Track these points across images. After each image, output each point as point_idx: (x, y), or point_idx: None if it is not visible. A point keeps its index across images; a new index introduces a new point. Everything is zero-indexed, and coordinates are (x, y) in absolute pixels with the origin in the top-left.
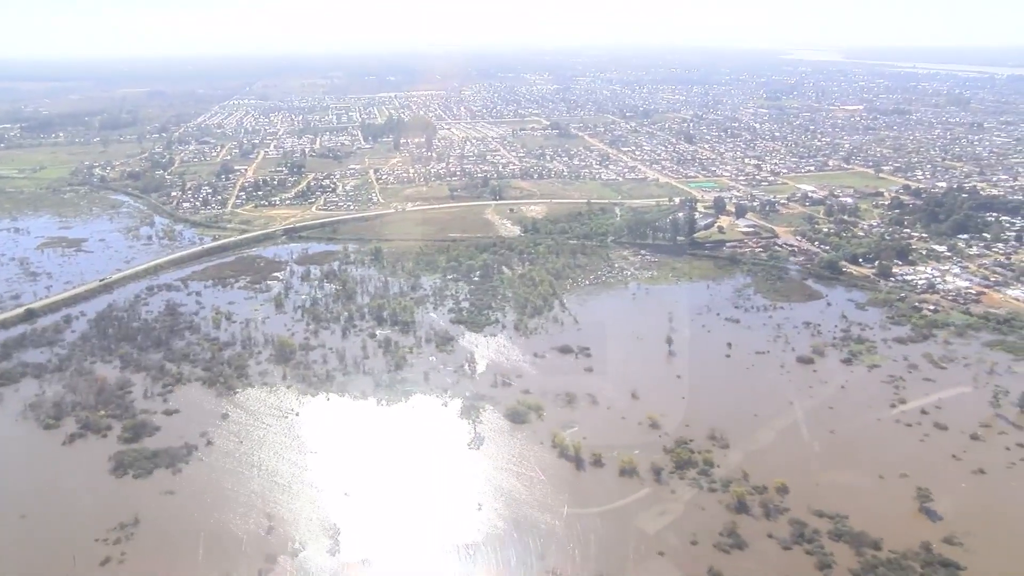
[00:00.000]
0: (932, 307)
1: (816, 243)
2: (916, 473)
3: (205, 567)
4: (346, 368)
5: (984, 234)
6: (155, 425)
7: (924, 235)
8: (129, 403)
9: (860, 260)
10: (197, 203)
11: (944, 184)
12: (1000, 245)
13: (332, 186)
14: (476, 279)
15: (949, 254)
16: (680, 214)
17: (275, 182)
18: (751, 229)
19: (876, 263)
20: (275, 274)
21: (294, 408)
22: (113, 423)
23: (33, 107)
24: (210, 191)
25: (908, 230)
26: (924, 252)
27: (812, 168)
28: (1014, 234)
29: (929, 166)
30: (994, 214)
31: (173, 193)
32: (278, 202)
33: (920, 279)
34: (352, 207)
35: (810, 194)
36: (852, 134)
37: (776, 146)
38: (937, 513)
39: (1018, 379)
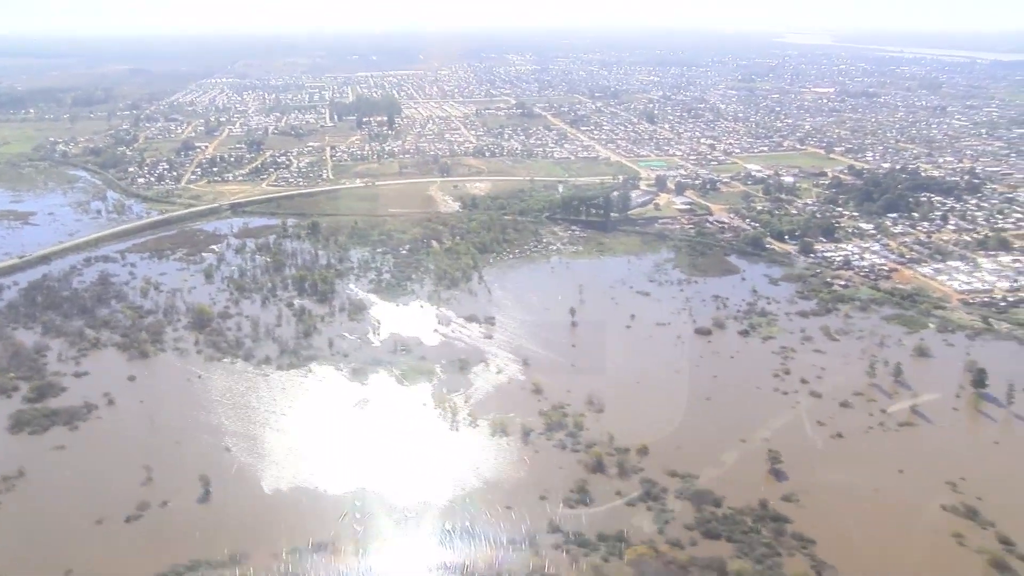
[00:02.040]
0: (843, 283)
1: (747, 220)
2: (777, 437)
3: (76, 515)
4: (257, 335)
5: (913, 213)
6: (62, 386)
7: (855, 214)
8: (42, 366)
9: (786, 237)
10: (152, 179)
11: (888, 165)
12: (925, 224)
13: (287, 163)
14: (404, 252)
15: (874, 232)
16: (616, 192)
17: (232, 159)
18: (687, 207)
19: (799, 240)
20: (212, 247)
21: (198, 372)
22: (21, 384)
23: (8, 83)
24: (167, 167)
25: (840, 209)
26: (850, 230)
27: (766, 148)
28: (940, 214)
29: (881, 147)
30: (928, 194)
31: (131, 169)
32: (231, 178)
33: (839, 256)
34: (302, 183)
35: (754, 173)
36: (816, 116)
37: (737, 127)
38: (785, 474)
39: (905, 351)
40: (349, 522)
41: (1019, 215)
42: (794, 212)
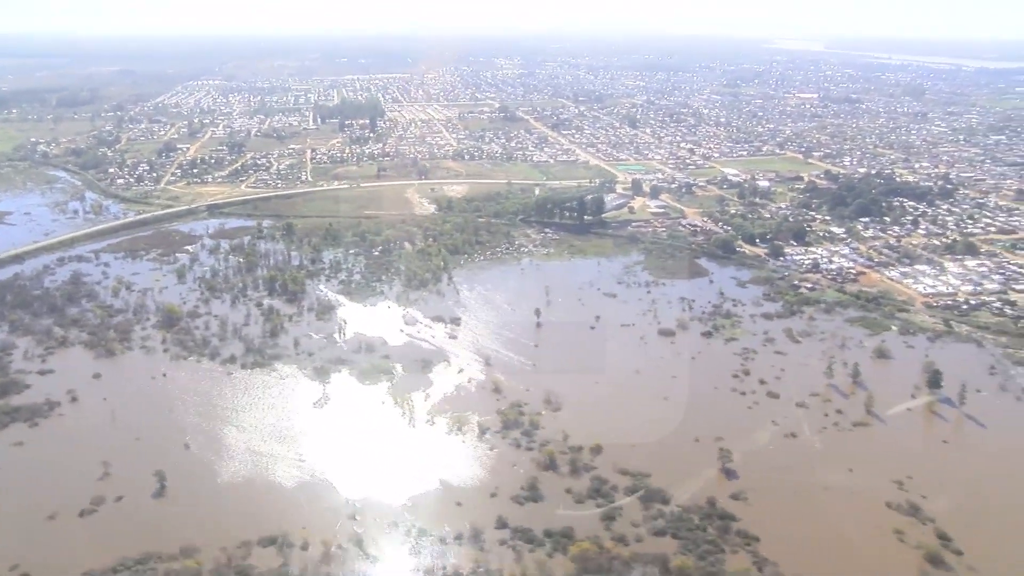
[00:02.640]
0: (810, 286)
1: (720, 224)
2: (731, 437)
3: (29, 510)
4: (224, 334)
5: (885, 218)
6: (25, 383)
7: (827, 218)
8: (6, 364)
9: (757, 240)
10: (132, 180)
11: (865, 170)
12: (896, 228)
13: (267, 165)
14: (376, 254)
15: (845, 236)
16: (591, 195)
17: (213, 160)
18: (661, 210)
19: (770, 243)
20: (187, 247)
21: (163, 370)
22: None
23: None
24: (147, 168)
25: (813, 213)
26: (822, 234)
27: (745, 153)
28: (912, 218)
29: (859, 152)
30: (901, 199)
31: (111, 170)
32: (211, 180)
33: (808, 259)
34: (281, 185)
35: (730, 177)
36: (798, 121)
37: (718, 131)
38: (736, 472)
39: (865, 353)
40: (298, 516)
41: (988, 220)
42: (767, 216)
